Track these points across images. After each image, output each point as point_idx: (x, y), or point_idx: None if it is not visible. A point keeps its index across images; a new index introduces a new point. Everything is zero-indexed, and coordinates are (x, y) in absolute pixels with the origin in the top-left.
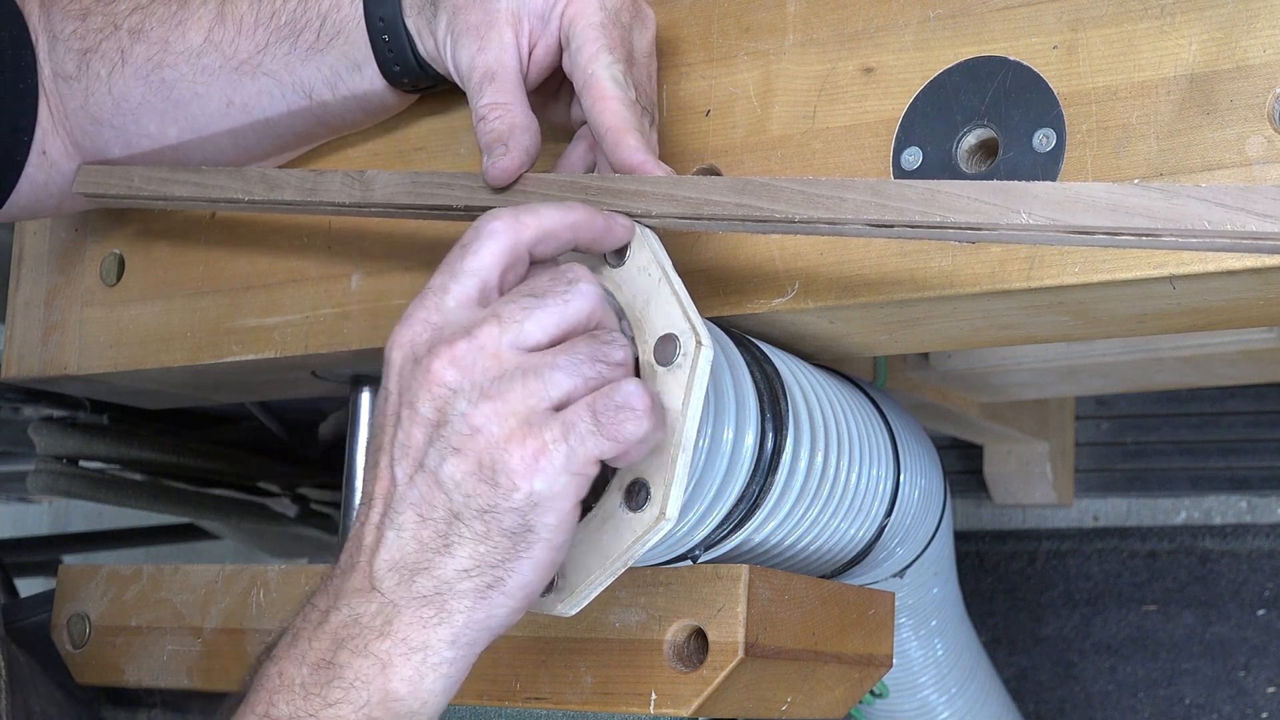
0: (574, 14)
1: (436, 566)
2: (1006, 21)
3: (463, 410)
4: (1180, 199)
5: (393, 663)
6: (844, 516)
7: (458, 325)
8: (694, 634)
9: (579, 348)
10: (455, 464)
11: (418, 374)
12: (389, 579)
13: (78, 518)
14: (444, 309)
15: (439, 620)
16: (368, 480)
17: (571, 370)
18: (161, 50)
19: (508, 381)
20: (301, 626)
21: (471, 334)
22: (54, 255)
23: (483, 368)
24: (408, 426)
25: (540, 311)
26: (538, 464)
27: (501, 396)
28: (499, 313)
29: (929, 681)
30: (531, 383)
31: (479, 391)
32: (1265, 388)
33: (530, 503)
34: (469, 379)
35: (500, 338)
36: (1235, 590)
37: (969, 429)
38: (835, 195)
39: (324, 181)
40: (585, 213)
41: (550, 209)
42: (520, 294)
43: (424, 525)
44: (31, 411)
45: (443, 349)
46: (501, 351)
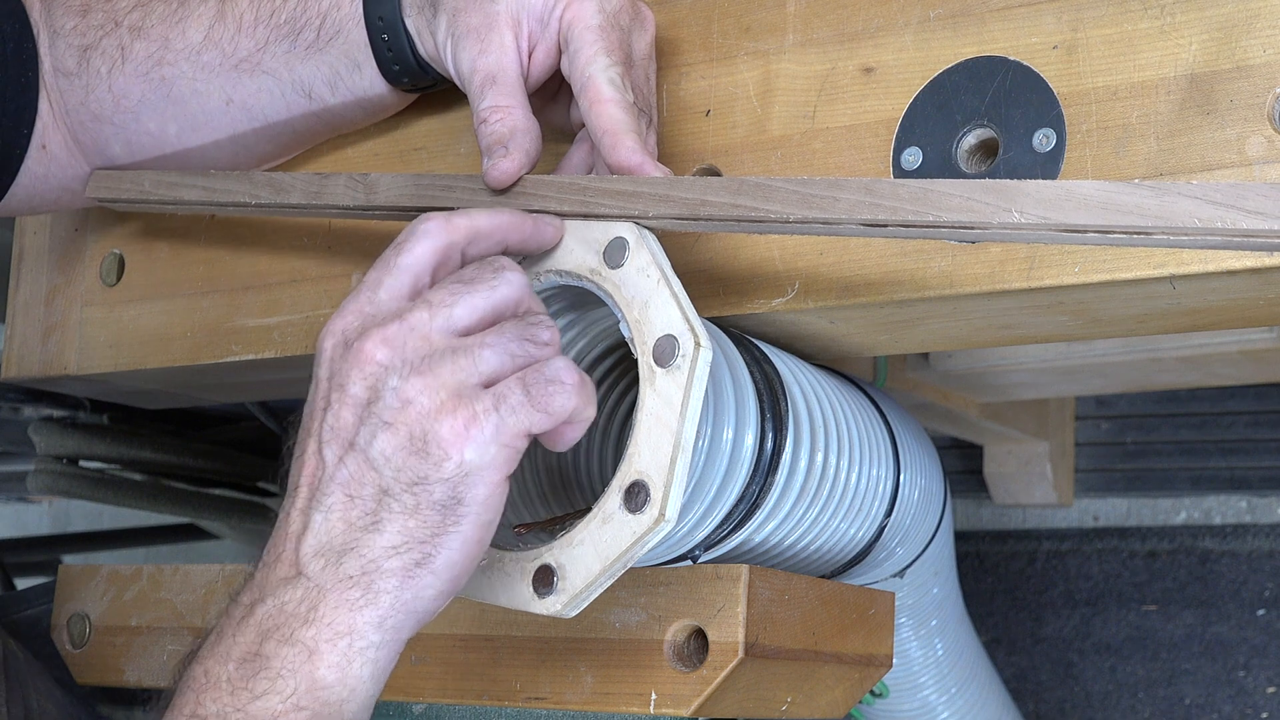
0: (572, 17)
1: (364, 545)
2: (1006, 21)
3: (394, 385)
4: (1171, 196)
5: (319, 649)
6: (844, 516)
7: (388, 312)
8: (694, 634)
9: (506, 329)
10: (386, 439)
11: (349, 356)
12: (315, 563)
13: (78, 518)
14: (376, 301)
15: (365, 602)
16: (293, 471)
17: (500, 348)
18: (161, 48)
19: (438, 359)
20: (225, 624)
21: (403, 317)
22: (54, 255)
23: (413, 346)
24: (337, 409)
25: (469, 296)
26: (468, 433)
27: (432, 371)
28: (429, 299)
29: (929, 681)
30: (461, 359)
31: (409, 367)
32: (1265, 388)
33: (461, 473)
34: (400, 356)
35: (430, 321)
36: (1235, 590)
37: (969, 429)
38: (829, 195)
39: (329, 185)
40: (514, 215)
41: (481, 212)
42: (449, 281)
43: (352, 505)
44: (31, 411)
45: (374, 331)
46: (431, 334)
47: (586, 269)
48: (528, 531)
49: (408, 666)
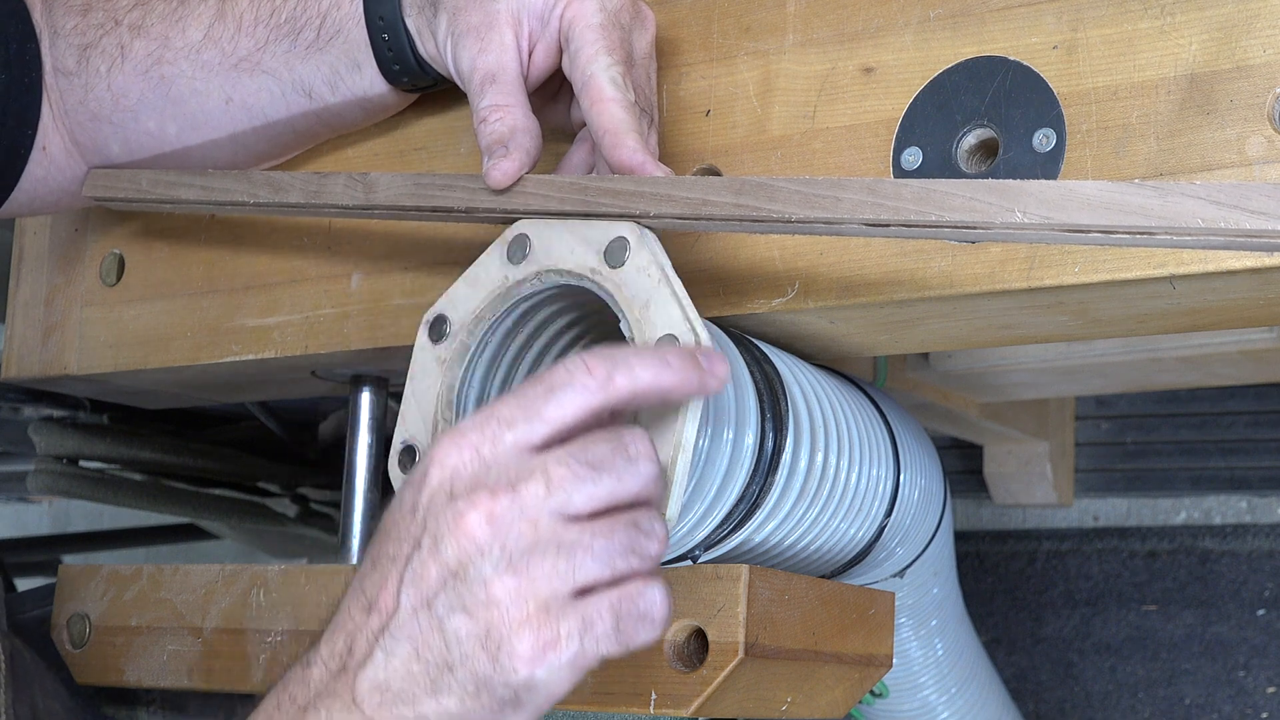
0: (573, 15)
1: (420, 702)
2: (1006, 21)
3: (485, 575)
4: (1174, 196)
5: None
6: (844, 516)
7: (505, 471)
8: (694, 634)
9: (618, 534)
10: (462, 621)
11: (449, 513)
12: (372, 698)
13: (78, 518)
14: (501, 444)
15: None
16: (370, 577)
17: (604, 560)
18: (161, 46)
19: (538, 556)
20: (276, 717)
21: (516, 490)
22: (54, 255)
23: (517, 533)
24: (425, 558)
25: (592, 485)
26: (544, 656)
27: (528, 572)
28: (550, 472)
29: (929, 681)
30: (561, 563)
31: (507, 560)
32: (1265, 388)
33: (527, 686)
34: (499, 542)
35: (545, 502)
36: (1235, 590)
37: (969, 429)
38: (831, 195)
39: (328, 184)
40: (681, 373)
41: (648, 367)
42: (577, 458)
43: (416, 660)
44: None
45: (483, 499)
46: (541, 519)
47: (587, 269)
48: None
49: None
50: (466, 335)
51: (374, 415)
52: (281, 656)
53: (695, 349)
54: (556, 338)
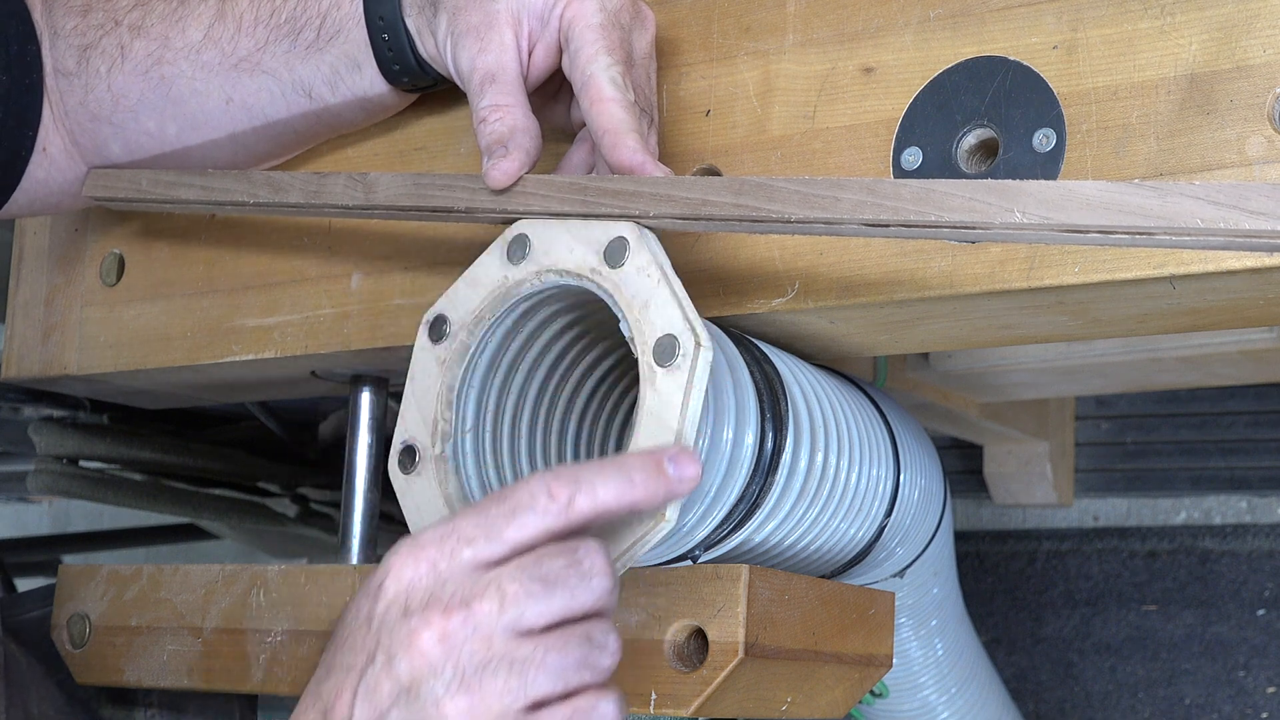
0: (573, 15)
1: None
2: (1006, 21)
3: (438, 694)
4: (1173, 197)
5: None
6: (844, 516)
7: (459, 587)
8: (694, 634)
9: (570, 650)
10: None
11: (403, 630)
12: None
13: (78, 518)
14: (458, 560)
15: None
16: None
17: (556, 675)
18: (161, 47)
19: (490, 673)
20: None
21: (470, 607)
22: (54, 255)
23: (470, 651)
24: (379, 673)
25: (545, 602)
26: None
27: (480, 691)
28: (504, 589)
29: (929, 681)
30: (513, 681)
31: (459, 679)
32: (1265, 388)
33: None
34: (451, 661)
35: (498, 618)
36: (1235, 590)
37: (969, 429)
38: (831, 195)
39: (328, 184)
40: (645, 487)
41: (611, 487)
42: (530, 574)
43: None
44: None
45: (437, 617)
46: (494, 635)
47: (587, 269)
48: None
49: None
50: (466, 335)
51: (374, 415)
52: (281, 656)
53: (663, 453)
54: (556, 338)
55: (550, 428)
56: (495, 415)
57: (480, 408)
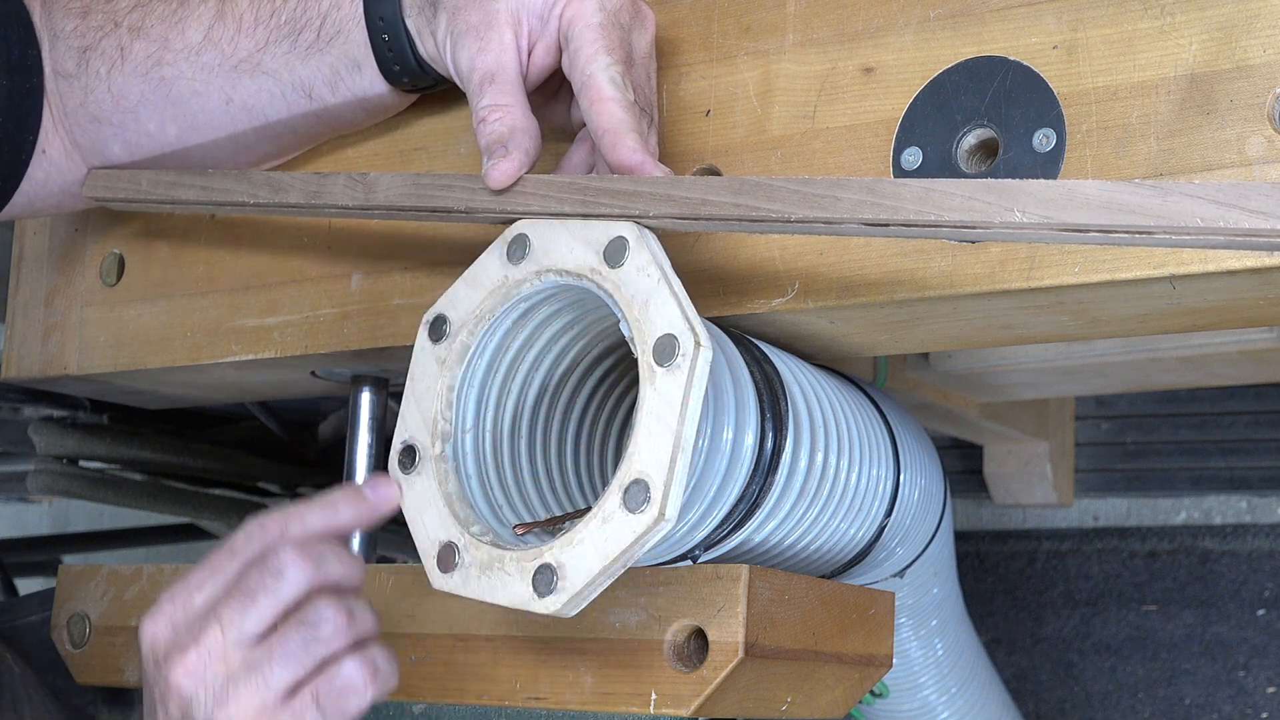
0: (573, 15)
1: None
2: (1006, 21)
3: (201, 717)
4: (1173, 196)
5: None
6: (844, 516)
7: (190, 628)
8: (694, 634)
9: (290, 638)
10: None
11: (160, 680)
12: None
13: (78, 518)
14: (190, 607)
15: None
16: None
17: (287, 659)
18: (161, 48)
19: (237, 682)
20: None
21: (199, 641)
22: (54, 255)
23: (213, 672)
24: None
25: (254, 610)
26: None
27: (234, 700)
28: (220, 615)
29: (929, 681)
30: (256, 680)
31: (213, 698)
32: (1265, 388)
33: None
34: (201, 685)
35: (224, 639)
36: (1235, 590)
37: (969, 429)
38: (830, 194)
39: (328, 184)
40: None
41: (320, 516)
42: (237, 593)
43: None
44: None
45: (176, 658)
46: (227, 652)
47: (587, 268)
48: (527, 531)
49: (407, 666)
50: (466, 335)
51: (374, 415)
52: None
53: (362, 484)
54: (556, 338)
55: (550, 428)
56: (495, 415)
57: (480, 408)
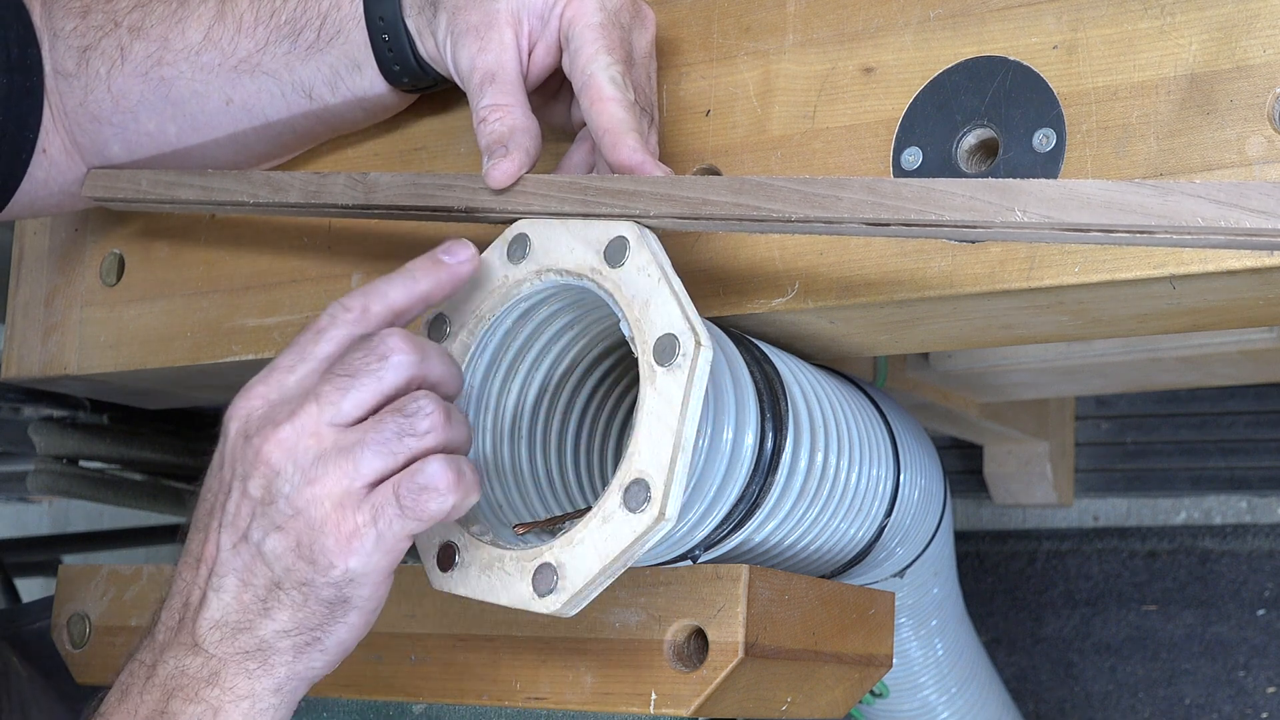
0: (573, 14)
1: (258, 627)
2: (1006, 21)
3: (287, 493)
4: (1174, 195)
5: (223, 708)
6: (844, 516)
7: (286, 405)
8: (694, 634)
9: (385, 424)
10: (277, 540)
11: (248, 452)
12: (212, 635)
13: (78, 518)
14: (285, 387)
15: (263, 672)
16: (194, 540)
17: (378, 448)
18: (161, 48)
19: (327, 462)
20: (130, 682)
21: (295, 416)
22: (54, 255)
23: (304, 448)
24: (237, 500)
25: (355, 391)
26: (350, 546)
27: (321, 480)
28: (318, 393)
29: (929, 681)
30: (345, 464)
31: (301, 474)
32: (1265, 388)
33: (346, 579)
34: (292, 460)
35: (320, 417)
36: (1235, 590)
37: (969, 429)
38: (831, 194)
39: (328, 184)
40: (427, 278)
41: (398, 286)
42: (337, 373)
43: (245, 590)
44: (31, 411)
45: (270, 431)
46: (321, 431)
47: (587, 268)
48: (527, 531)
49: (408, 666)
50: (467, 335)
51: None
52: None
53: (438, 249)
54: (556, 338)
55: (550, 428)
56: (495, 415)
57: (480, 408)
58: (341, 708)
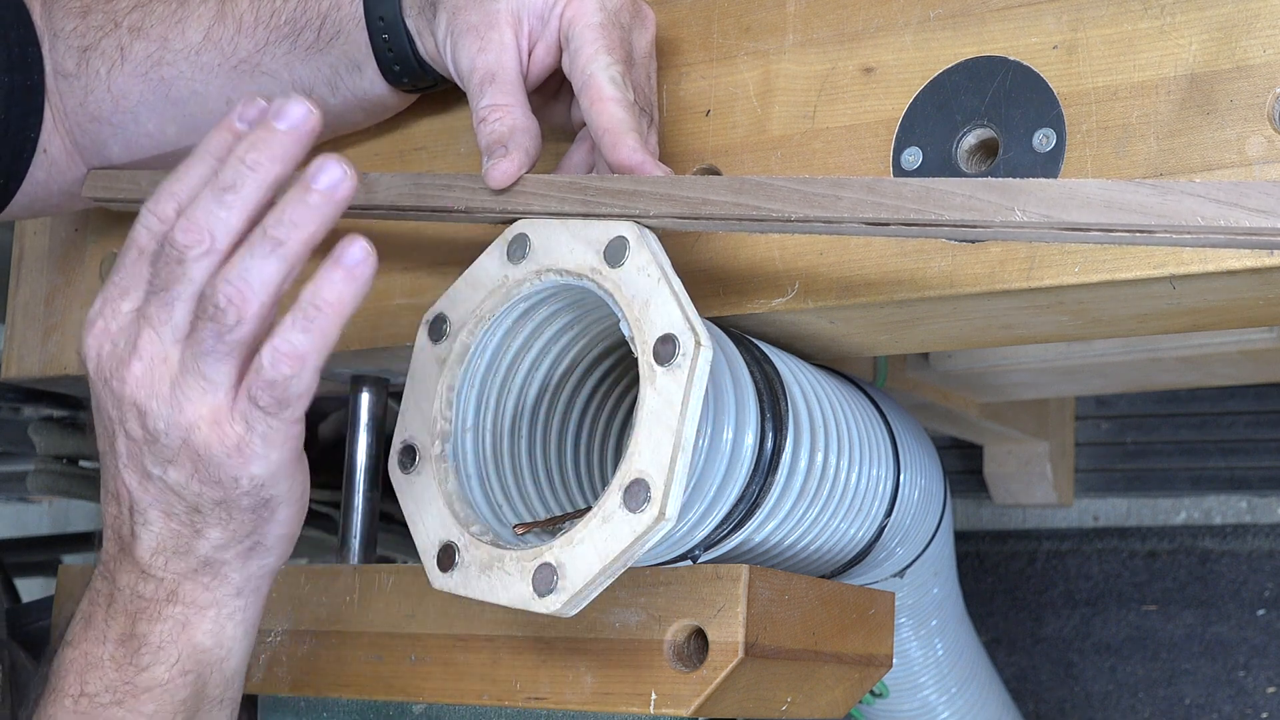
0: (573, 14)
1: (196, 547)
2: (1006, 21)
3: (163, 428)
4: (1173, 194)
5: (190, 620)
6: (844, 516)
7: (126, 335)
8: (694, 634)
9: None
10: (175, 472)
11: (111, 395)
12: (156, 561)
13: (78, 518)
14: (120, 314)
15: (217, 582)
16: (105, 475)
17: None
18: (160, 48)
19: (183, 388)
20: (91, 610)
21: (137, 348)
22: (54, 255)
23: (159, 377)
24: (125, 441)
25: (179, 303)
26: (244, 456)
27: (186, 405)
28: (148, 315)
29: (929, 681)
30: (199, 382)
31: (167, 406)
32: (1265, 388)
33: (255, 485)
34: (154, 395)
35: (160, 341)
36: (1235, 590)
37: (969, 429)
38: (831, 194)
39: None
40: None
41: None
42: (155, 289)
43: (170, 519)
44: (31, 411)
45: (124, 372)
46: (168, 353)
47: (587, 268)
48: (527, 531)
49: (408, 666)
50: (467, 335)
51: (374, 415)
52: (281, 656)
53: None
54: (556, 338)
55: (550, 428)
56: (495, 415)
57: (480, 407)
58: (341, 708)
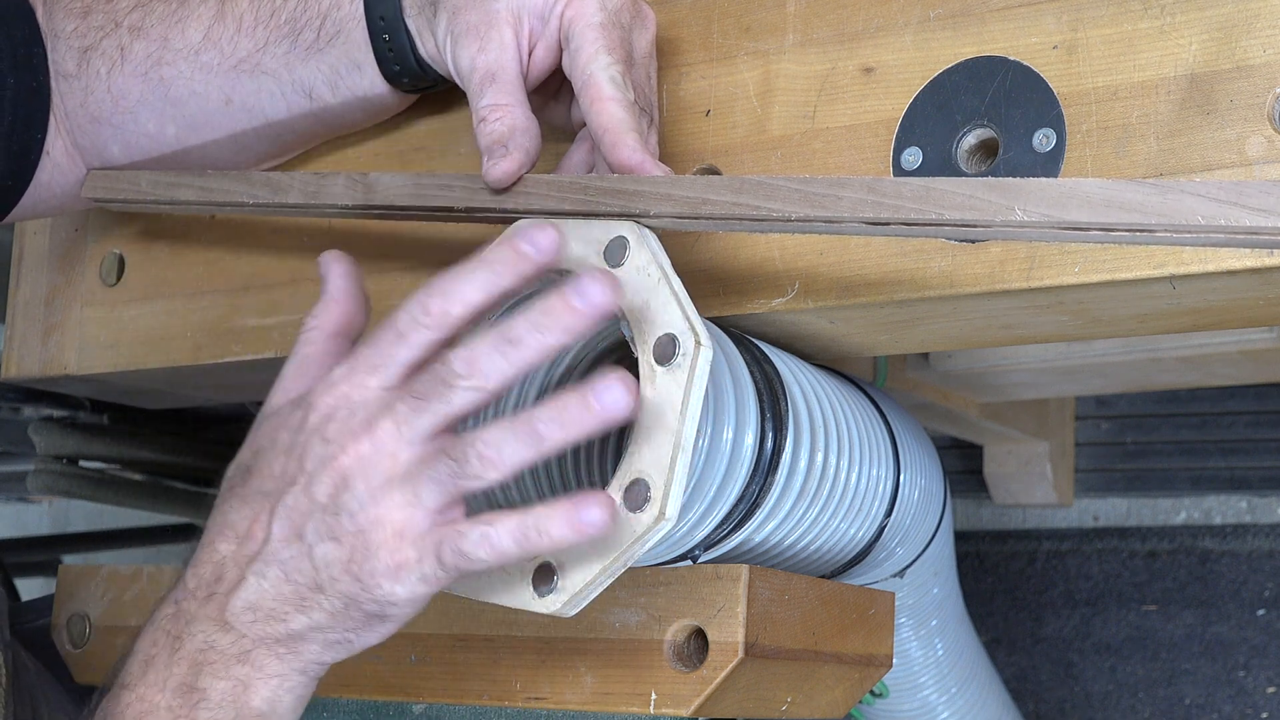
0: (573, 14)
1: (292, 620)
2: (1006, 21)
3: (353, 509)
4: (1174, 194)
5: (252, 684)
6: (844, 516)
7: (367, 413)
8: (694, 634)
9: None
10: (331, 549)
11: (323, 454)
12: (244, 617)
13: (78, 518)
14: (366, 390)
15: (292, 656)
16: (236, 511)
17: (436, 487)
18: (160, 48)
19: (392, 489)
20: (154, 653)
21: (373, 431)
22: (54, 255)
23: (378, 468)
24: (300, 495)
25: (428, 416)
26: (398, 575)
27: (385, 503)
28: (395, 410)
29: (929, 681)
30: (409, 494)
31: (370, 494)
32: (1265, 388)
33: (389, 600)
34: (364, 478)
35: (397, 437)
36: (1235, 590)
37: (969, 429)
38: (831, 193)
39: (327, 184)
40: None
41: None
42: (413, 393)
43: (286, 583)
44: (31, 411)
45: (349, 442)
46: (398, 451)
47: (587, 268)
48: None
49: (408, 666)
50: (467, 335)
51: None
52: None
53: (516, 235)
54: None
55: None
56: (495, 415)
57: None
58: (341, 708)
